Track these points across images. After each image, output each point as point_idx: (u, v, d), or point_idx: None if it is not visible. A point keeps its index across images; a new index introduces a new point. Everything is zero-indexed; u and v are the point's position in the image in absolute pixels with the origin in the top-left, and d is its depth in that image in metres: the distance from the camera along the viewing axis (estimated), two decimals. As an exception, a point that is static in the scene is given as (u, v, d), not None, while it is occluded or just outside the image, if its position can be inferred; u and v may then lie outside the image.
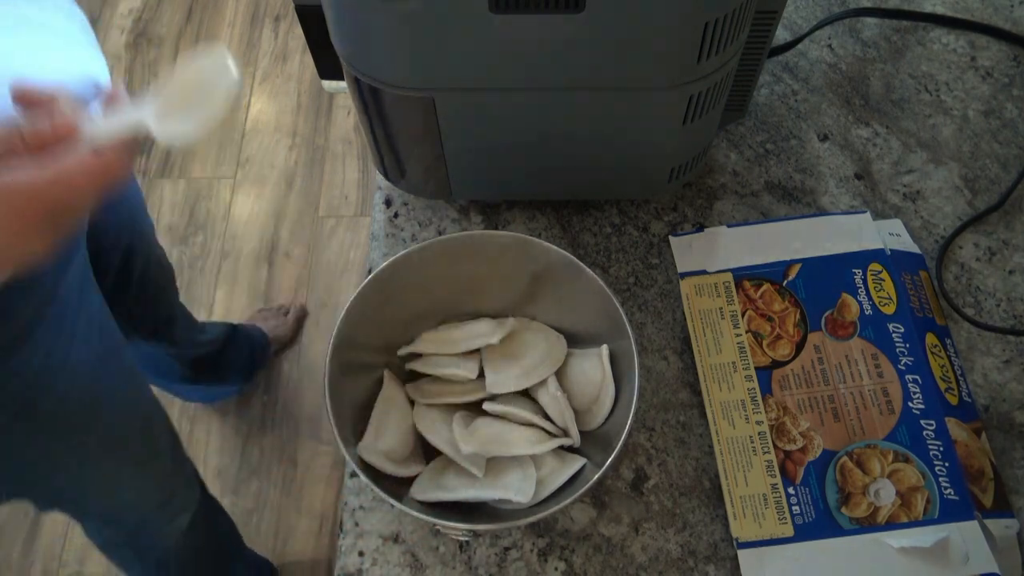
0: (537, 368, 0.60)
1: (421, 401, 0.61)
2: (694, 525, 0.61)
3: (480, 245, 0.60)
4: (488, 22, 0.50)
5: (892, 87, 0.79)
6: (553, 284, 0.61)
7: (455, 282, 0.62)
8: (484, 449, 0.56)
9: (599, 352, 0.60)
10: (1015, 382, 0.65)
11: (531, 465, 0.57)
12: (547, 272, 0.60)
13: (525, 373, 0.60)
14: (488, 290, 0.63)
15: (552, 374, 0.60)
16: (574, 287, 0.59)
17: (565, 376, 0.61)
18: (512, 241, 0.59)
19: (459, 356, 0.62)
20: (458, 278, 0.62)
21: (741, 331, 0.66)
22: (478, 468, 0.56)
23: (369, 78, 0.56)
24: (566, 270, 0.58)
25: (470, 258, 0.60)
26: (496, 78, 0.55)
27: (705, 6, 0.50)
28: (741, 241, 0.70)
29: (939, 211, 0.73)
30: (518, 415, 0.58)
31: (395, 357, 0.63)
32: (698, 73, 0.55)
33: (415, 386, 0.62)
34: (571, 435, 0.59)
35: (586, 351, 0.61)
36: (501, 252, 0.60)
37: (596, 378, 0.60)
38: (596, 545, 0.61)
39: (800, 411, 0.62)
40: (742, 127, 0.78)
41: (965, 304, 0.68)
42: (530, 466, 0.57)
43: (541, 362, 0.60)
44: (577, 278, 0.58)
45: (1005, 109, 0.77)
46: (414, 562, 0.60)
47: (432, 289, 0.62)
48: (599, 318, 0.59)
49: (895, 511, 0.58)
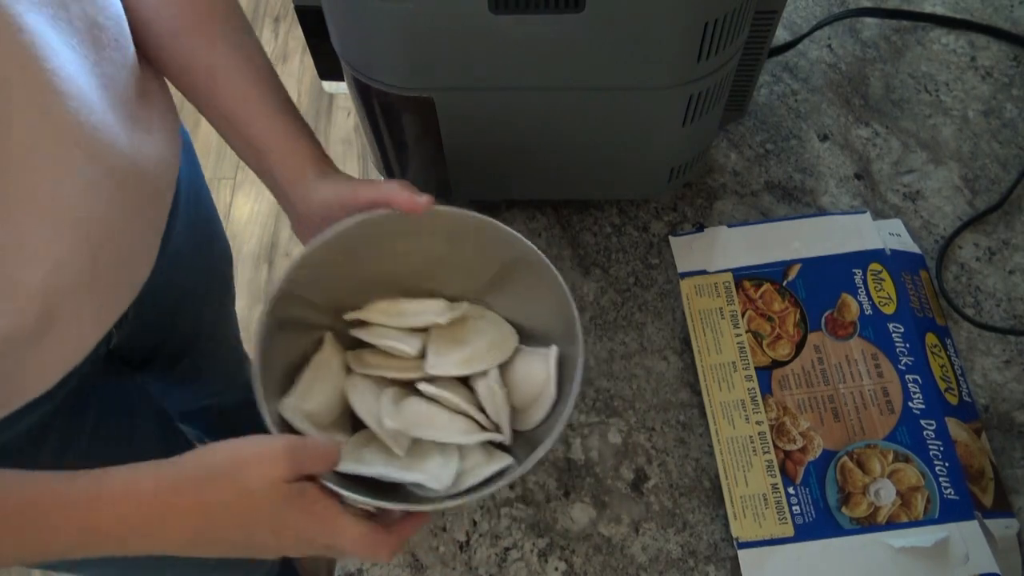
0: (482, 357, 0.58)
1: (357, 370, 0.58)
2: (694, 525, 0.61)
3: (453, 222, 0.57)
4: (488, 22, 0.50)
5: (892, 87, 0.79)
6: (518, 277, 0.58)
7: (420, 257, 0.59)
8: (408, 428, 0.54)
9: (547, 353, 0.57)
10: (1015, 382, 0.65)
11: (455, 455, 0.54)
12: (514, 264, 0.57)
13: (467, 360, 0.57)
14: (452, 272, 0.60)
15: (496, 367, 0.58)
16: (539, 283, 0.56)
17: (510, 372, 0.59)
18: (484, 225, 0.56)
19: (405, 331, 0.59)
20: (424, 253, 0.59)
21: (741, 331, 0.66)
22: (400, 447, 0.53)
23: (369, 78, 0.56)
24: (532, 265, 0.56)
25: (441, 234, 0.57)
26: (496, 78, 0.55)
27: (705, 6, 0.50)
28: (741, 241, 0.70)
29: (939, 211, 0.73)
30: (451, 401, 0.55)
31: (341, 322, 0.60)
32: (698, 73, 0.55)
33: (356, 355, 0.59)
34: (502, 431, 0.56)
35: (536, 350, 0.59)
36: (474, 233, 0.57)
37: (540, 379, 0.57)
38: (596, 545, 0.61)
39: (800, 411, 0.62)
40: (742, 127, 0.78)
41: (965, 304, 0.68)
42: (454, 455, 0.54)
43: (487, 352, 0.58)
44: (542, 275, 0.55)
45: (1005, 109, 0.77)
46: (414, 562, 0.60)
47: (395, 260, 0.59)
48: (555, 320, 0.56)
49: (895, 511, 0.58)
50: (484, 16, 0.49)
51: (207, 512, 0.42)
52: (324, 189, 0.57)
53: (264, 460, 0.43)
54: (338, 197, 0.55)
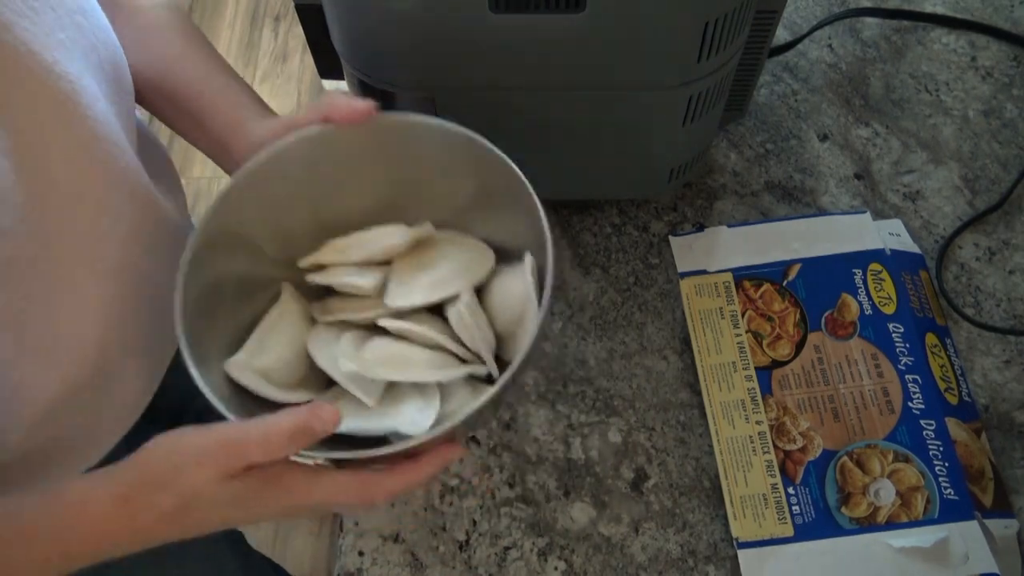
0: (451, 280, 0.50)
1: (320, 319, 0.51)
2: (694, 525, 0.61)
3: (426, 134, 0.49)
4: (488, 22, 0.50)
5: (892, 87, 0.79)
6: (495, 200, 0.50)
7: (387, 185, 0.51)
8: (371, 371, 0.46)
9: (522, 266, 0.49)
10: (1015, 382, 0.65)
11: (436, 395, 0.47)
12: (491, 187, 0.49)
13: (434, 284, 0.49)
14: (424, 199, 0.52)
15: (469, 290, 0.50)
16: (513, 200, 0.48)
17: (487, 295, 0.51)
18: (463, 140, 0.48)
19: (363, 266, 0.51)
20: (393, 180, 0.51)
21: (741, 331, 0.66)
22: (367, 394, 0.46)
23: (369, 77, 0.56)
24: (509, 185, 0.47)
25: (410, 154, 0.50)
26: (496, 78, 0.55)
27: (705, 6, 0.50)
28: (741, 241, 0.70)
29: (939, 211, 0.73)
30: (420, 334, 0.47)
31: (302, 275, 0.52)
32: (698, 73, 0.55)
33: (320, 305, 0.52)
34: (484, 360, 0.48)
35: (512, 267, 0.51)
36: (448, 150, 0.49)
37: (519, 296, 0.49)
38: (596, 545, 0.61)
39: (800, 411, 0.62)
40: (742, 127, 0.78)
41: (965, 304, 0.68)
42: (434, 396, 0.47)
43: (457, 275, 0.50)
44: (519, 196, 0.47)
45: (1005, 109, 0.77)
46: (414, 562, 0.60)
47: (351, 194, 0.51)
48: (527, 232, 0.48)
49: (895, 511, 0.58)
50: (484, 16, 0.49)
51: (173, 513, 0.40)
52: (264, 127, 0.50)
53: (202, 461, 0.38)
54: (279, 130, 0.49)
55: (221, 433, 0.39)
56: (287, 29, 2.00)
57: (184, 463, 0.39)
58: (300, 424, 0.38)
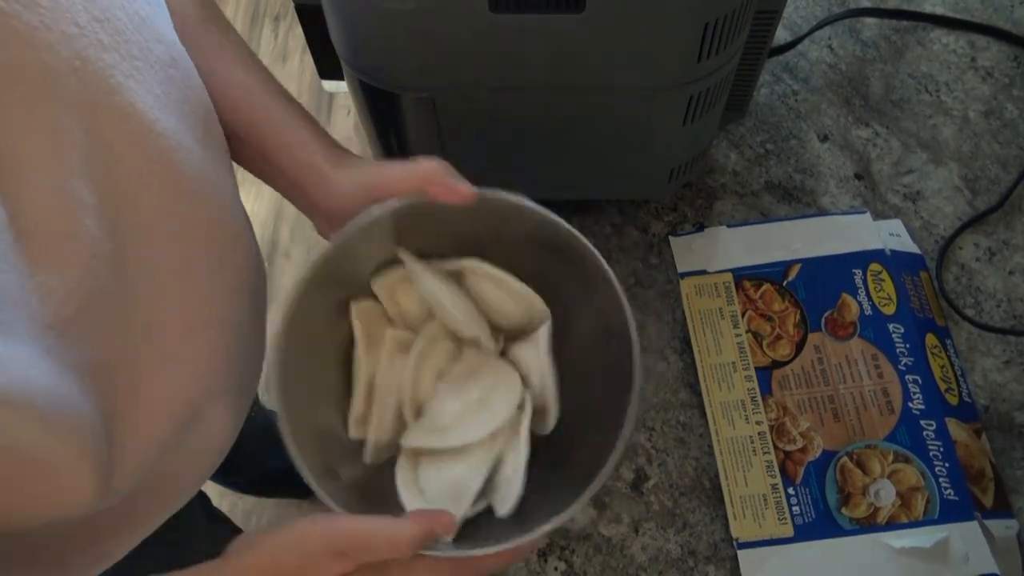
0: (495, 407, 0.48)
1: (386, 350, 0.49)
2: (694, 525, 0.61)
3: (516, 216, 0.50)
4: (488, 22, 0.50)
5: (892, 87, 0.79)
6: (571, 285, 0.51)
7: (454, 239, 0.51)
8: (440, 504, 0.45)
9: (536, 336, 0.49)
10: (1015, 382, 0.65)
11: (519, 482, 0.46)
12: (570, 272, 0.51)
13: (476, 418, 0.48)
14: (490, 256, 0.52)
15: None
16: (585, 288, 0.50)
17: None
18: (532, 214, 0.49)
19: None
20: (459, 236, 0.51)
21: (741, 331, 0.66)
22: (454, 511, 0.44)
23: (369, 78, 0.56)
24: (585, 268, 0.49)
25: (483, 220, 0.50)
26: (496, 77, 0.55)
27: (705, 6, 0.50)
28: (741, 241, 0.70)
29: (939, 211, 0.73)
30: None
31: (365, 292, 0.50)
32: (698, 73, 0.55)
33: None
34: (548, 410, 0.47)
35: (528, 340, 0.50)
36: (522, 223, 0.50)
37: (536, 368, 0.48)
38: (596, 545, 0.61)
39: (800, 411, 0.62)
40: (742, 127, 0.78)
41: (965, 305, 0.68)
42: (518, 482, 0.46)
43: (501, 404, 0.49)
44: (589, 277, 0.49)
45: (1005, 109, 0.77)
46: (414, 562, 0.60)
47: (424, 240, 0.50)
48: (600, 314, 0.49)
49: (895, 511, 0.58)
50: (485, 16, 0.49)
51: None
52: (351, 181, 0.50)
53: (335, 554, 0.39)
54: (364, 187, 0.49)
55: (350, 530, 0.41)
56: (287, 29, 2.00)
57: (316, 553, 0.40)
58: (426, 532, 0.41)
